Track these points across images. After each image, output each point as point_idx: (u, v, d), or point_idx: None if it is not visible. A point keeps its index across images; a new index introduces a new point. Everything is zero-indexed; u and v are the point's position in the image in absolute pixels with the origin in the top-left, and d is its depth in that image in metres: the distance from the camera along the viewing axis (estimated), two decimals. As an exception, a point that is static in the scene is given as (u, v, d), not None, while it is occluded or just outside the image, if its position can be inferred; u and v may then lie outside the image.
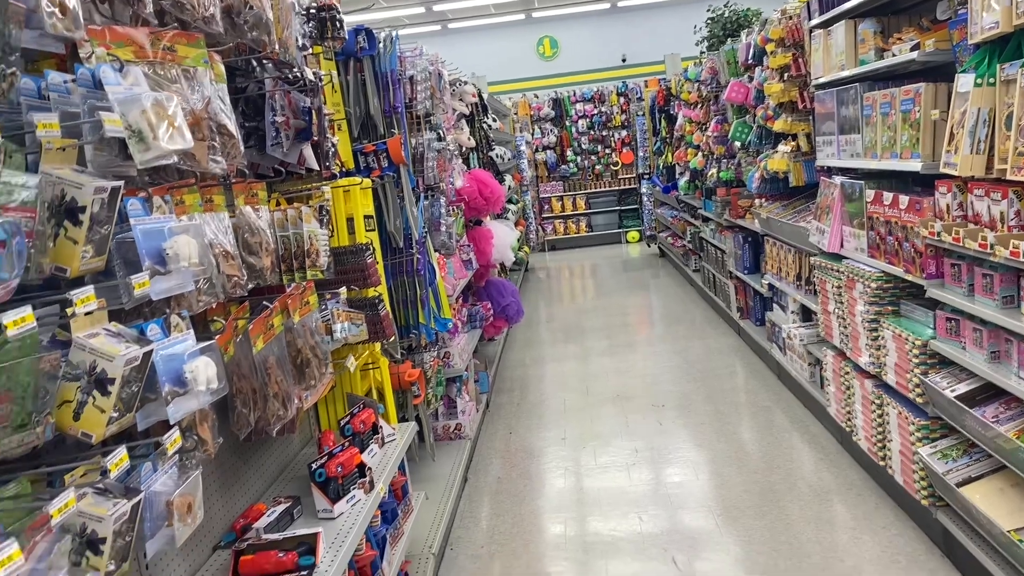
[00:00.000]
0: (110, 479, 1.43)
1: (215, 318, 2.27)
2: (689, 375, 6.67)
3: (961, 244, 2.91)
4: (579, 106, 15.52)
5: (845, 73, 4.12)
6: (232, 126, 2.07)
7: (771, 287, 6.15)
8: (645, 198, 13.66)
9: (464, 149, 6.70)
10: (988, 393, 3.10)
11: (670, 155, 10.78)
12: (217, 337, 2.08)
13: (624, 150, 15.36)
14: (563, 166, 15.61)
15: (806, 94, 5.07)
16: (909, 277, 3.54)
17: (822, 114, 4.54)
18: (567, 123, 15.59)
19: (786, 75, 5.25)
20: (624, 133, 15.35)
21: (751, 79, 6.18)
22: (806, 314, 5.54)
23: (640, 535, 4.07)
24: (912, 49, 3.42)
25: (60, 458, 1.55)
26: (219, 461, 2.64)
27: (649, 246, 13.99)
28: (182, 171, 2.02)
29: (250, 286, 2.33)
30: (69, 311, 1.40)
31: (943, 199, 3.17)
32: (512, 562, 3.96)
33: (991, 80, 2.74)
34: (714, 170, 7.79)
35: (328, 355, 2.55)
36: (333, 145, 3.26)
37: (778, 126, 5.43)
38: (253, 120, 2.80)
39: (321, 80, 3.24)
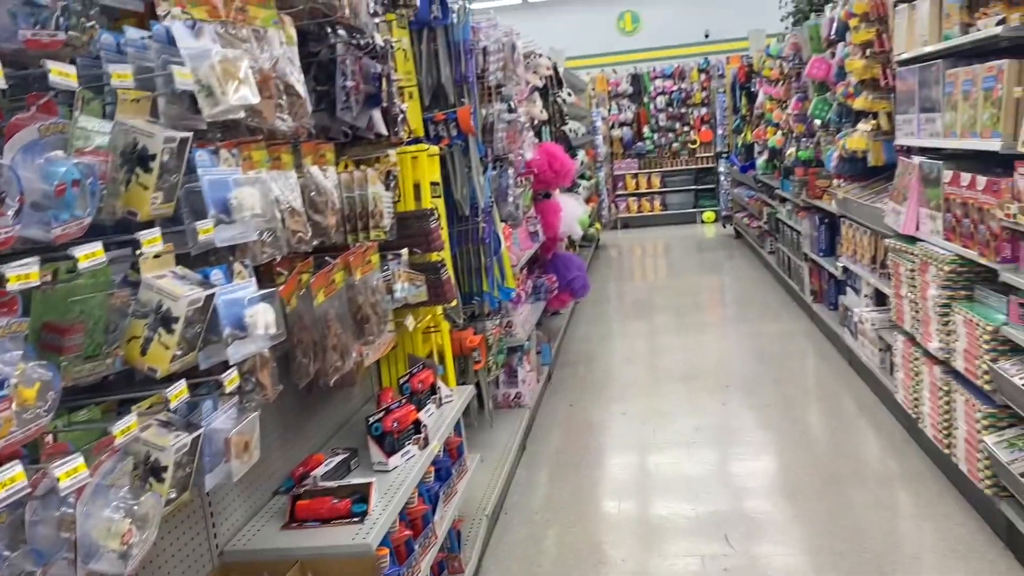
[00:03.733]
0: (172, 409, 1.53)
1: (281, 271, 2.37)
2: (758, 357, 6.58)
3: (1038, 227, 2.81)
4: (658, 82, 15.31)
5: (928, 49, 3.98)
6: (300, 87, 2.15)
7: (845, 270, 6.01)
8: (722, 177, 13.43)
9: (536, 122, 6.71)
10: (1060, 382, 3.00)
11: (749, 134, 10.58)
12: (280, 288, 2.18)
13: (703, 128, 15.10)
14: (639, 143, 15.44)
15: (888, 71, 4.90)
16: (983, 261, 3.43)
17: (903, 92, 4.40)
18: (645, 99, 15.39)
19: (868, 51, 5.09)
20: (704, 111, 15.09)
21: (833, 55, 6.01)
22: (880, 298, 5.40)
23: (696, 513, 4.05)
24: (998, 24, 3.29)
25: (130, 392, 1.67)
26: (281, 412, 2.76)
27: (725, 227, 13.76)
28: (252, 129, 2.12)
29: (315, 243, 2.42)
30: (138, 252, 1.50)
31: (1022, 180, 3.05)
32: (566, 531, 4.02)
33: (1078, 55, 2.62)
34: (793, 149, 7.62)
35: (388, 313, 2.64)
36: (402, 111, 3.33)
37: (859, 104, 5.28)
38: (325, 84, 2.89)
39: (392, 47, 3.32)
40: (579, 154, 10.60)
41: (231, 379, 1.67)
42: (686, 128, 15.30)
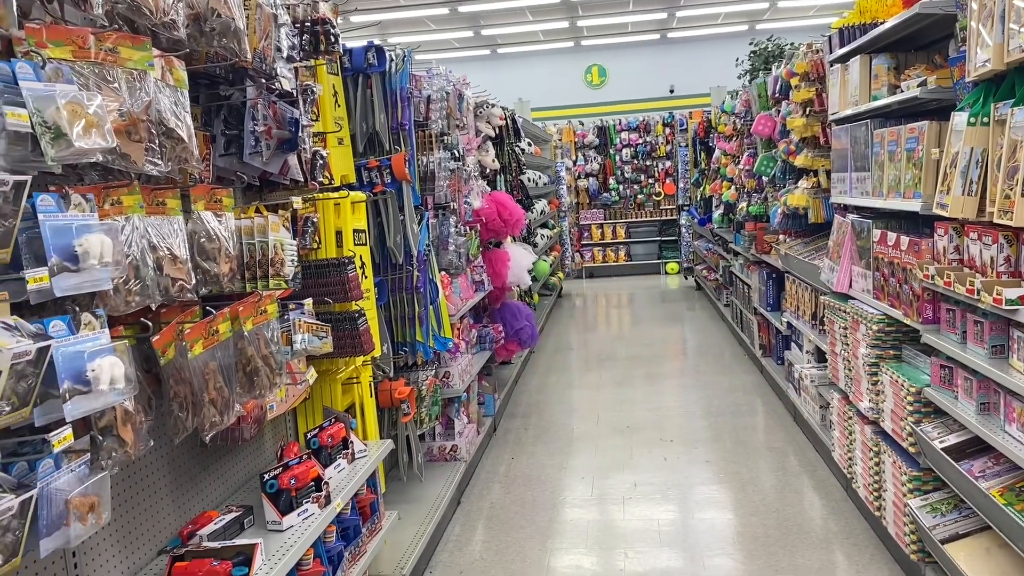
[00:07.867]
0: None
1: (171, 321, 2.27)
2: (706, 410, 6.52)
3: (952, 288, 2.79)
4: (624, 135, 15.47)
5: (858, 109, 4.01)
6: (184, 131, 2.08)
7: (789, 325, 6.00)
8: (683, 230, 13.51)
9: (489, 171, 6.69)
10: (979, 446, 2.95)
11: (707, 187, 10.66)
12: (155, 339, 2.09)
13: (667, 181, 15.24)
14: (605, 194, 15.55)
15: (828, 129, 4.95)
16: (908, 321, 3.41)
17: (837, 150, 4.43)
18: (611, 151, 15.54)
19: (809, 110, 5.14)
20: (668, 164, 15.24)
21: (778, 113, 6.08)
22: (821, 355, 5.37)
23: (629, 571, 3.96)
24: (918, 86, 3.32)
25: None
26: (174, 464, 2.64)
27: (686, 278, 13.81)
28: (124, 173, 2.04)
29: (203, 291, 2.33)
30: (-41, 302, 1.41)
31: (940, 241, 3.04)
32: (489, 589, 3.88)
33: (984, 120, 2.63)
34: (744, 204, 7.67)
35: (283, 365, 2.54)
36: (322, 158, 3.27)
37: (799, 161, 5.32)
38: (235, 128, 2.83)
39: (314, 92, 3.27)
40: (540, 203, 10.62)
41: (63, 437, 1.56)
42: (651, 180, 15.45)
